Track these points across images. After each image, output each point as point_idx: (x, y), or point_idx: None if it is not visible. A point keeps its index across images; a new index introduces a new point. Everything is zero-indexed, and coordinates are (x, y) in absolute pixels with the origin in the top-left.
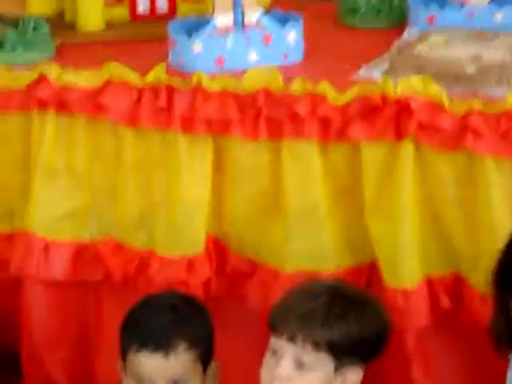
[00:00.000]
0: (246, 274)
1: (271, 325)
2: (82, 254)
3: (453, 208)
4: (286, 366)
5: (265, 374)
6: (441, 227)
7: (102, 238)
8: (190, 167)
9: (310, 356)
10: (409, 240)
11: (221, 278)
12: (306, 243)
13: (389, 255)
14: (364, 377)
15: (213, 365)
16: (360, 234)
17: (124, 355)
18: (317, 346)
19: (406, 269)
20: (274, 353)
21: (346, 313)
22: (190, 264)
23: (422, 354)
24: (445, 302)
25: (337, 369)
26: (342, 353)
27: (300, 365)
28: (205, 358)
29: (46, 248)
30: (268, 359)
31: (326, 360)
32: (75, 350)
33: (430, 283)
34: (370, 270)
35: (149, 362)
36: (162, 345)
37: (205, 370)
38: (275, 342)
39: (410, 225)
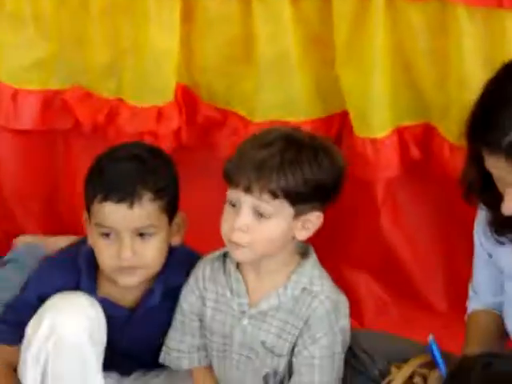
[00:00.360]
0: (217, 122)
1: (227, 177)
2: (51, 102)
3: (424, 57)
4: (244, 215)
5: (224, 226)
6: (412, 77)
7: (71, 86)
8: (157, 16)
9: (268, 204)
10: (379, 90)
11: (192, 128)
12: (277, 93)
13: (359, 105)
14: (326, 221)
15: (178, 216)
16: (331, 84)
17: (88, 206)
18: (273, 194)
19: (376, 118)
20: (233, 205)
21: (300, 159)
22: (160, 113)
23: (392, 204)
24: (414, 151)
25: (296, 215)
26: (299, 199)
27: (259, 214)
28: (170, 210)
29: (14, 96)
30: (227, 212)
31: (284, 207)
32: (46, 202)
33: (400, 133)
34: (341, 120)
35: (113, 213)
36: (126, 195)
37: (170, 221)
38: (232, 193)
39: (381, 74)
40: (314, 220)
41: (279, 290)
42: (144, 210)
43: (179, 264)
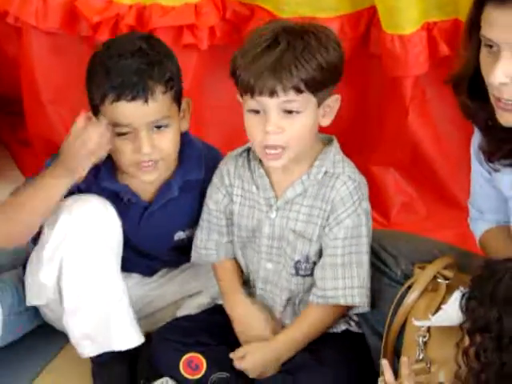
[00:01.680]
0: (245, 18)
1: (246, 88)
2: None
3: None
4: (275, 118)
5: (255, 133)
6: None
7: None
8: None
9: (294, 101)
10: None
11: (223, 25)
12: None
13: (387, 1)
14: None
15: (184, 102)
16: None
17: (96, 107)
18: (297, 89)
19: (405, 14)
20: (257, 112)
21: (309, 46)
22: (197, 9)
23: (420, 101)
24: (443, 48)
25: (318, 103)
26: (319, 86)
27: (287, 112)
28: (178, 98)
29: None
30: (251, 120)
31: (308, 99)
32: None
33: (429, 29)
34: (369, 16)
35: (129, 111)
36: (140, 92)
37: (179, 109)
38: (254, 101)
39: None
40: (333, 104)
41: (303, 177)
42: (158, 104)
43: (196, 158)
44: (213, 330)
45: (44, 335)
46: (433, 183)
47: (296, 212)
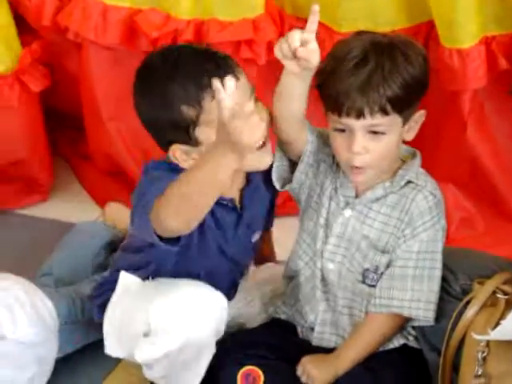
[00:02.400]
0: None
1: (334, 108)
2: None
3: None
4: (361, 139)
5: (341, 153)
6: None
7: (149, 8)
8: None
9: (381, 123)
10: None
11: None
12: (362, 2)
13: (446, 14)
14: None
15: None
16: None
17: (188, 123)
18: (384, 111)
19: (463, 28)
20: (342, 130)
21: (396, 64)
22: (255, 24)
23: (478, 115)
24: (502, 62)
25: (404, 121)
26: (404, 105)
27: (373, 133)
28: None
29: (104, 12)
30: (337, 139)
31: (394, 119)
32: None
33: (488, 43)
34: (427, 30)
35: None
36: (226, 73)
37: None
38: (340, 121)
39: None
40: (417, 119)
41: (386, 183)
42: (243, 76)
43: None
44: (271, 344)
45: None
46: (491, 198)
47: (372, 219)
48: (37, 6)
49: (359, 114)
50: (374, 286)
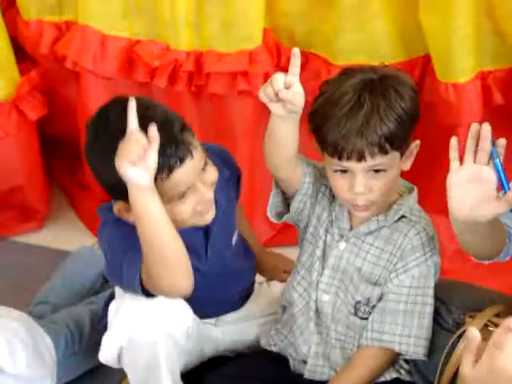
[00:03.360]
0: (300, 65)
1: (334, 153)
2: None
3: (508, 2)
4: (362, 180)
5: (343, 194)
6: (495, 21)
7: (148, 39)
8: None
9: (382, 162)
10: (462, 34)
11: (276, 71)
12: (359, 35)
13: (442, 49)
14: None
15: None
16: (413, 27)
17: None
18: (384, 151)
19: (459, 63)
20: (342, 171)
21: (390, 103)
22: (251, 56)
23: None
24: (497, 97)
25: (401, 155)
26: (401, 141)
27: (374, 171)
28: None
29: (103, 42)
30: (338, 179)
31: (393, 156)
32: None
33: (483, 78)
34: (423, 64)
35: (184, 173)
36: (184, 151)
37: None
38: (340, 164)
39: (464, 19)
40: (413, 149)
41: (379, 217)
42: (198, 149)
43: (220, 162)
44: (262, 378)
45: (102, 373)
46: None
47: (365, 252)
48: (35, 35)
49: (360, 157)
50: (366, 319)
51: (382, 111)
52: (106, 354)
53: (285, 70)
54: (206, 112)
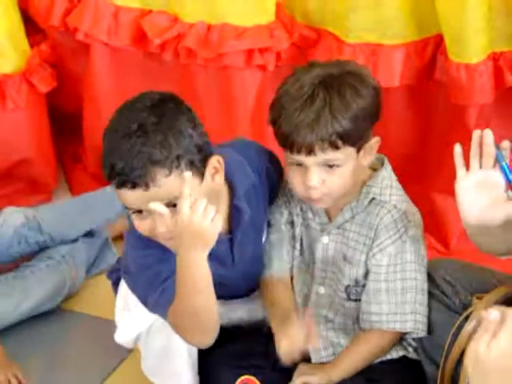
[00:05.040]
0: (312, 42)
1: (284, 145)
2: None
3: None
4: (315, 174)
5: (297, 187)
6: (508, 3)
7: (158, 10)
8: None
9: (334, 157)
10: (475, 14)
11: (289, 48)
12: (371, 13)
13: (455, 29)
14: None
15: (211, 162)
16: (426, 6)
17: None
18: (335, 146)
19: (472, 44)
20: (297, 165)
21: (345, 99)
22: (269, 31)
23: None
24: (509, 78)
25: (358, 150)
26: (356, 137)
27: (328, 166)
28: (197, 164)
29: (115, 13)
30: (294, 172)
31: (347, 151)
32: None
33: (495, 59)
34: (436, 44)
35: (131, 198)
36: (138, 179)
37: (203, 173)
38: (293, 157)
39: None
40: (373, 144)
41: (352, 204)
42: (162, 189)
43: (240, 168)
44: (268, 354)
45: (104, 349)
46: None
47: (346, 238)
48: (46, 6)
49: (310, 151)
50: (359, 300)
51: (335, 108)
52: (123, 336)
53: (296, 46)
54: (213, 83)
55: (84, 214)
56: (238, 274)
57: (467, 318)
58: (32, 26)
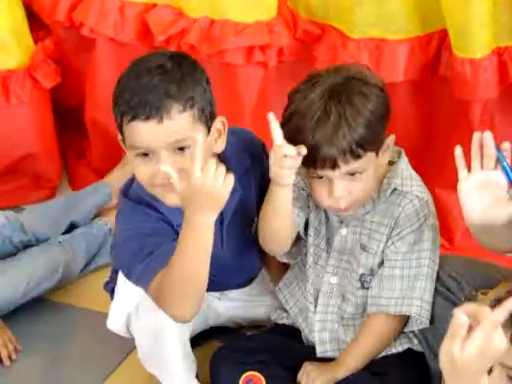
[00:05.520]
0: (316, 37)
1: (309, 163)
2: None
3: None
4: (340, 185)
5: (323, 199)
6: None
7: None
8: None
9: (357, 166)
10: (480, 9)
11: (292, 43)
12: (375, 8)
13: (459, 24)
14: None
15: (217, 121)
16: (431, 2)
17: (120, 129)
18: (357, 156)
19: (476, 38)
20: (320, 177)
21: (356, 108)
22: (269, 28)
23: (488, 126)
24: None
25: (377, 153)
26: (374, 141)
27: (350, 176)
28: (206, 117)
29: (121, 8)
30: (317, 185)
31: (367, 157)
32: None
33: (500, 54)
34: (440, 39)
35: (144, 131)
36: (153, 110)
37: (209, 129)
38: (316, 172)
39: None
40: (390, 143)
41: (373, 196)
42: (175, 123)
43: (236, 150)
44: (273, 350)
45: (110, 343)
46: None
47: (365, 228)
48: (51, 2)
49: (334, 165)
50: None
51: (350, 118)
52: (115, 321)
53: (300, 41)
54: (216, 79)
55: (68, 210)
56: (227, 258)
57: None
58: (36, 22)
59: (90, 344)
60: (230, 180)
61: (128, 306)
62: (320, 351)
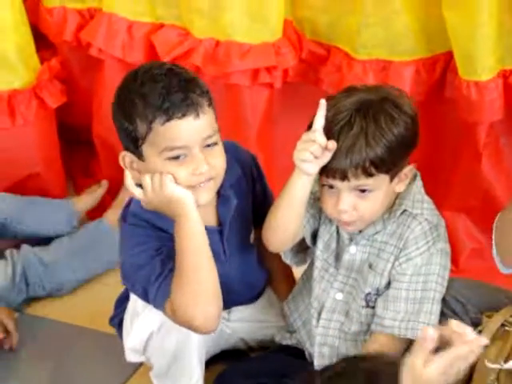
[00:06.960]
0: (321, 58)
1: (321, 170)
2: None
3: None
4: (346, 198)
5: (328, 209)
6: None
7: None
8: None
9: (366, 183)
10: (485, 32)
11: (297, 64)
12: (381, 30)
13: (465, 47)
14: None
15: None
16: (436, 23)
17: (139, 138)
18: (369, 174)
19: (482, 61)
20: (330, 187)
21: (380, 126)
22: (276, 49)
23: (493, 148)
24: None
25: (391, 178)
26: (390, 165)
27: (359, 192)
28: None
29: (129, 29)
30: (326, 194)
31: (380, 178)
32: None
33: (505, 76)
34: (446, 61)
35: (182, 129)
36: (189, 106)
37: None
38: (327, 181)
39: (488, 16)
40: (407, 172)
41: (384, 216)
42: (207, 116)
43: (229, 162)
44: (275, 372)
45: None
46: None
47: (374, 248)
48: (58, 22)
49: (343, 177)
50: None
51: (370, 135)
52: (135, 340)
53: (305, 62)
54: (220, 99)
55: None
56: (232, 270)
57: None
58: (42, 42)
59: (95, 364)
60: (168, 178)
61: (152, 324)
62: (318, 364)
